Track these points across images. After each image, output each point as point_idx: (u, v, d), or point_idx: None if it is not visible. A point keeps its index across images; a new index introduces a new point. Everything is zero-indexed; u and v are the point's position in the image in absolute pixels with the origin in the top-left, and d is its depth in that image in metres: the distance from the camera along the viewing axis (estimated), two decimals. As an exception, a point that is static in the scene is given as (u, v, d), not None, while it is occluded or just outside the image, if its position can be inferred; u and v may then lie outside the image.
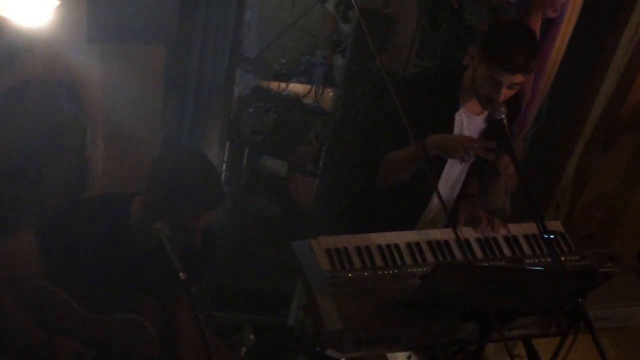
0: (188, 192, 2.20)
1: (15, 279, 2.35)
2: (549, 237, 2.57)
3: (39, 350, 2.39)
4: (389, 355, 3.28)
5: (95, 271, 2.34)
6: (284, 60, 5.18)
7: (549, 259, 2.63)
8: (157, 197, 2.24)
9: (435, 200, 2.95)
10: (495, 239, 2.72)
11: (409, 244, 2.61)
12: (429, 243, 2.64)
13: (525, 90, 3.40)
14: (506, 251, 2.69)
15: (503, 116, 2.59)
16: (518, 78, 2.61)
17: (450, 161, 2.89)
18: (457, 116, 2.83)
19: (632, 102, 3.38)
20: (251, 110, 4.94)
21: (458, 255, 2.63)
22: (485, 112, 2.83)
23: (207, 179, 2.26)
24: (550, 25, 3.37)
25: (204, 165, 2.31)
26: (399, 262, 2.54)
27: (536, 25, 3.28)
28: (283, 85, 5.09)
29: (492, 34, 2.69)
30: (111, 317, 2.43)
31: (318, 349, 2.31)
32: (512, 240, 2.72)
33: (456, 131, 2.85)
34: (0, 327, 2.40)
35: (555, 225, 2.79)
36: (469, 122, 2.86)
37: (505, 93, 2.63)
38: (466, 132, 2.87)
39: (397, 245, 2.59)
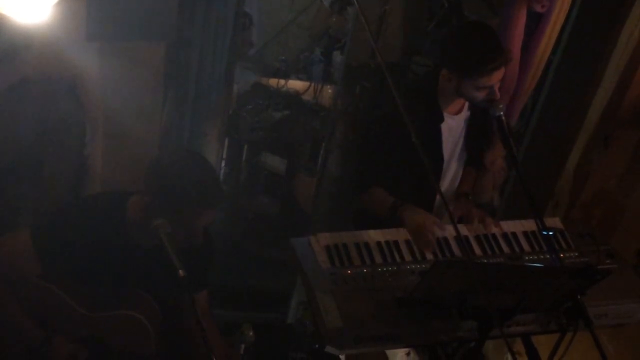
0: (185, 192, 2.20)
1: (13, 277, 2.35)
2: (548, 234, 2.57)
3: (37, 349, 2.39)
4: (388, 352, 3.28)
5: (92, 270, 2.34)
6: (283, 57, 5.18)
7: (548, 256, 2.63)
8: (155, 197, 2.24)
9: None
10: (494, 235, 2.72)
11: (408, 241, 2.61)
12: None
13: (508, 83, 3.43)
14: (505, 248, 2.69)
15: (502, 113, 2.60)
16: (502, 71, 2.68)
17: (447, 161, 2.92)
18: (443, 126, 2.87)
19: (632, 98, 3.38)
20: (250, 107, 4.93)
21: (457, 252, 2.63)
22: (466, 105, 2.88)
23: (204, 177, 2.26)
24: (538, 21, 3.38)
25: (200, 164, 2.30)
26: (398, 259, 2.55)
27: (521, 18, 3.29)
28: (282, 82, 5.08)
29: (460, 52, 2.71)
30: (108, 314, 2.43)
31: (318, 346, 2.31)
32: (511, 237, 2.73)
33: (444, 138, 2.90)
34: None
35: (555, 222, 2.79)
36: (455, 124, 2.92)
37: (497, 87, 2.69)
38: (453, 134, 2.92)
39: (396, 242, 2.59)
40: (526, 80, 3.53)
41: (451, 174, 3.01)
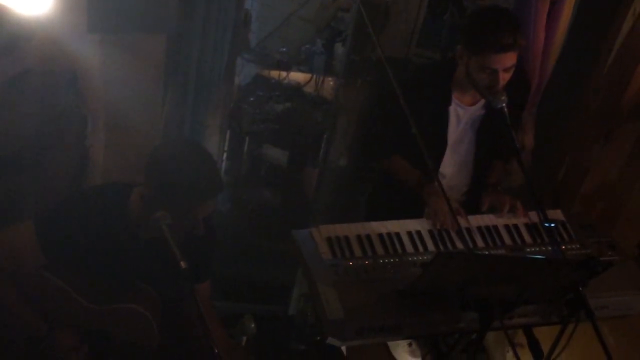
0: (185, 183, 2.20)
1: (16, 269, 2.35)
2: (549, 226, 2.57)
3: (39, 341, 2.40)
4: (390, 343, 3.29)
5: (94, 262, 2.34)
6: (284, 49, 5.17)
7: (550, 248, 2.63)
8: (155, 189, 2.24)
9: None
10: (495, 227, 2.72)
11: (409, 233, 2.61)
12: (430, 231, 2.65)
13: (534, 72, 3.44)
14: (507, 240, 2.69)
15: (504, 105, 2.59)
16: (510, 59, 2.62)
17: (451, 146, 2.91)
18: (451, 110, 2.86)
19: (633, 91, 3.38)
20: (252, 99, 4.93)
21: (459, 243, 2.63)
22: (482, 101, 2.85)
23: (203, 168, 2.26)
24: (552, 7, 3.39)
25: (200, 155, 2.30)
26: (400, 250, 2.55)
27: (545, 9, 3.30)
28: (284, 74, 5.08)
29: (472, 26, 2.72)
30: (110, 306, 2.43)
31: (319, 338, 2.32)
32: (512, 229, 2.73)
33: (451, 125, 2.89)
34: (2, 317, 2.40)
35: (556, 213, 2.79)
36: (464, 113, 2.89)
37: (503, 77, 2.64)
38: (462, 124, 2.90)
39: (398, 234, 2.59)
40: (548, 65, 3.56)
41: (455, 163, 2.99)
